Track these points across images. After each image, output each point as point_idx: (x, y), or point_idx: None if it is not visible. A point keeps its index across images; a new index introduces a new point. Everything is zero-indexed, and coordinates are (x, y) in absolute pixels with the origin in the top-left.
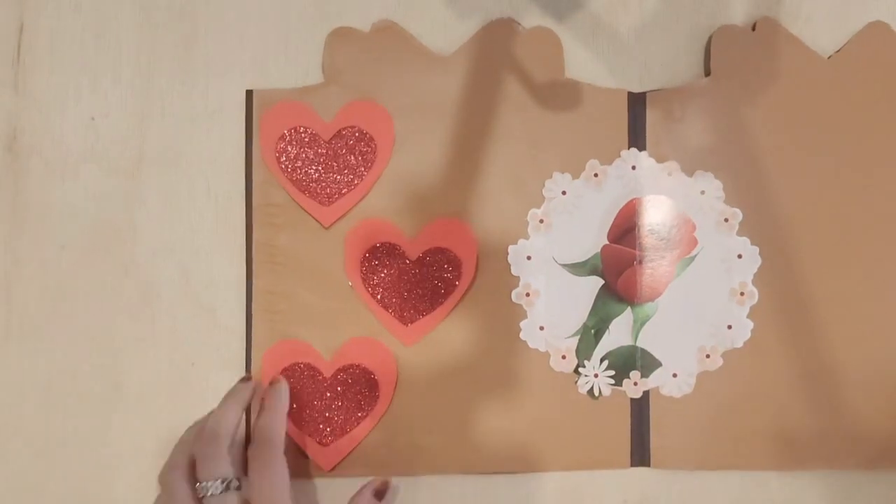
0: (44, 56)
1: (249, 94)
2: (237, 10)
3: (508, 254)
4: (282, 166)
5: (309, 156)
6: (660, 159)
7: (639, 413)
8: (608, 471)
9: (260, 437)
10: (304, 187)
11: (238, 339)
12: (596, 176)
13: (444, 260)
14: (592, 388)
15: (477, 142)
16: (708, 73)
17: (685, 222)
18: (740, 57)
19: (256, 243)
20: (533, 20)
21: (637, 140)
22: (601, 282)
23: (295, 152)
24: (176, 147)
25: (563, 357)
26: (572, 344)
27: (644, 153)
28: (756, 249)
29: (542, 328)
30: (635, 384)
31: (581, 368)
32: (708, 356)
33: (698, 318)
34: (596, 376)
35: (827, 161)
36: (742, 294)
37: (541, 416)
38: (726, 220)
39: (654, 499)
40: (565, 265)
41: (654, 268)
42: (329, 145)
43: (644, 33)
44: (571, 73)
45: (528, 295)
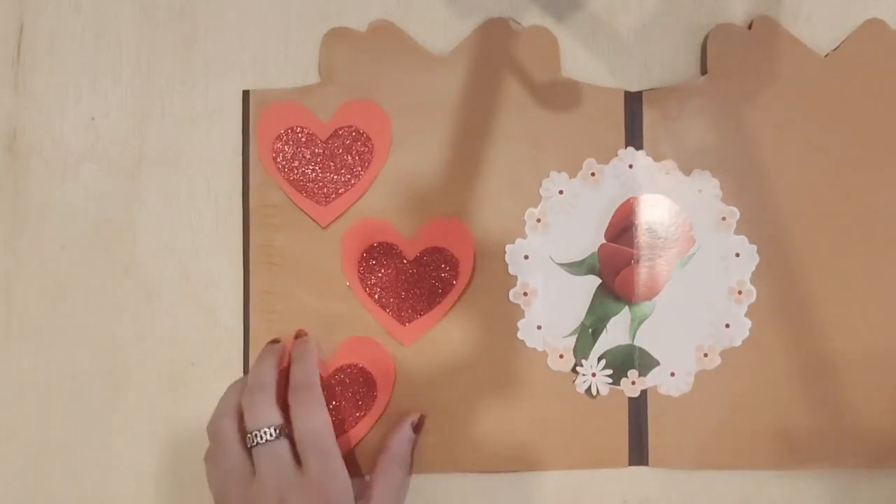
0: (44, 56)
1: (246, 94)
2: (237, 10)
3: (506, 253)
4: (278, 166)
5: (306, 156)
6: (657, 158)
7: (637, 412)
8: (606, 470)
9: (297, 383)
10: (301, 187)
11: (238, 338)
12: (593, 175)
13: (441, 259)
14: (590, 387)
15: (474, 141)
16: (705, 72)
17: (683, 221)
18: (737, 55)
19: (254, 244)
20: (533, 20)
21: (634, 139)
22: (599, 281)
23: (292, 152)
24: (176, 147)
25: (561, 356)
26: (570, 343)
27: (641, 152)
28: (754, 248)
29: (539, 327)
30: (633, 383)
31: (579, 368)
32: (706, 355)
33: (696, 316)
34: (594, 375)
35: (825, 159)
36: (740, 293)
37: (539, 415)
38: (724, 219)
39: (653, 498)
40: (563, 264)
41: (652, 267)
42: (326, 145)
43: (644, 33)
44: (571, 73)
45: (525, 294)
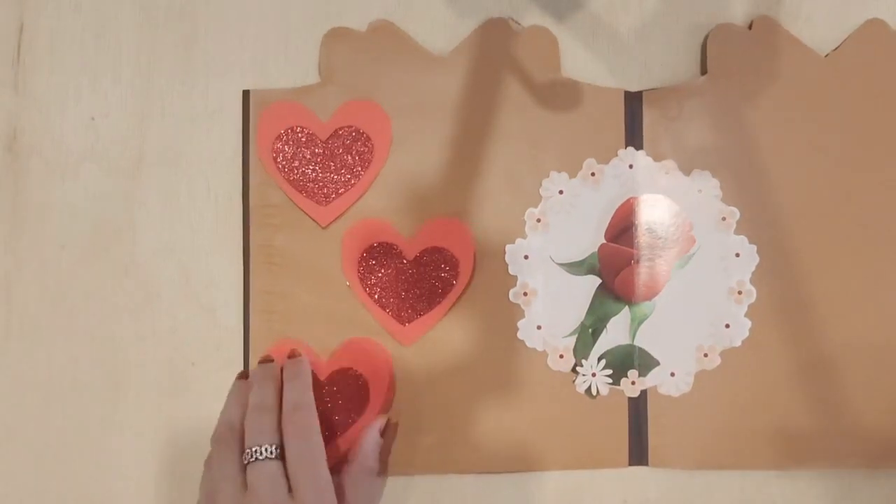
0: (44, 56)
1: (246, 94)
2: (237, 10)
3: (506, 253)
4: (278, 166)
5: (306, 156)
6: (657, 158)
7: (636, 412)
8: (606, 470)
9: (291, 405)
10: (301, 187)
11: (238, 338)
12: (593, 175)
13: (441, 259)
14: (590, 387)
15: (474, 141)
16: (705, 72)
17: (683, 221)
18: (737, 55)
19: (254, 244)
20: (533, 20)
21: (634, 139)
22: (599, 281)
23: (292, 152)
24: (176, 147)
25: (561, 356)
26: (570, 343)
27: (641, 152)
28: (754, 248)
29: (539, 327)
30: (633, 383)
31: (579, 368)
32: (706, 355)
33: (696, 316)
34: (594, 375)
35: (825, 159)
36: (740, 293)
37: (539, 415)
38: (724, 219)
39: (653, 498)
40: (563, 264)
41: (652, 267)
42: (326, 145)
43: (644, 33)
44: (571, 74)
45: (525, 294)
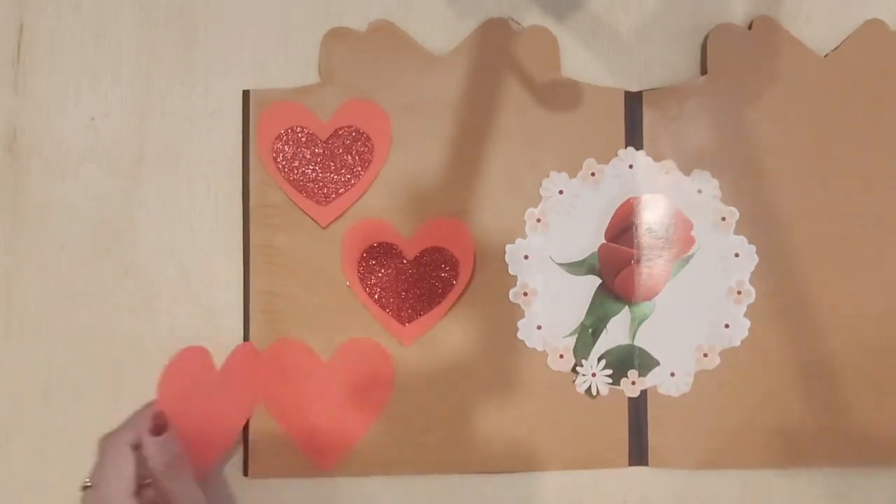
0: (44, 56)
1: (246, 94)
2: (237, 10)
3: (506, 253)
4: (279, 166)
5: (306, 156)
6: (657, 158)
7: (636, 412)
8: (606, 470)
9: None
10: (301, 187)
11: (238, 338)
12: (593, 175)
13: (441, 259)
14: (590, 387)
15: (474, 141)
16: (705, 72)
17: (682, 221)
18: (737, 55)
19: (254, 244)
20: (533, 20)
21: (634, 139)
22: (599, 281)
23: (292, 152)
24: (176, 147)
25: (561, 356)
26: (570, 343)
27: (641, 152)
28: (753, 248)
29: (539, 327)
30: (633, 383)
31: (579, 368)
32: (705, 355)
33: (696, 316)
34: (594, 375)
35: (823, 159)
36: (739, 293)
37: (539, 415)
38: (723, 219)
39: (653, 498)
40: (563, 264)
41: (652, 267)
42: (326, 145)
43: (644, 33)
44: (571, 74)
45: (525, 294)
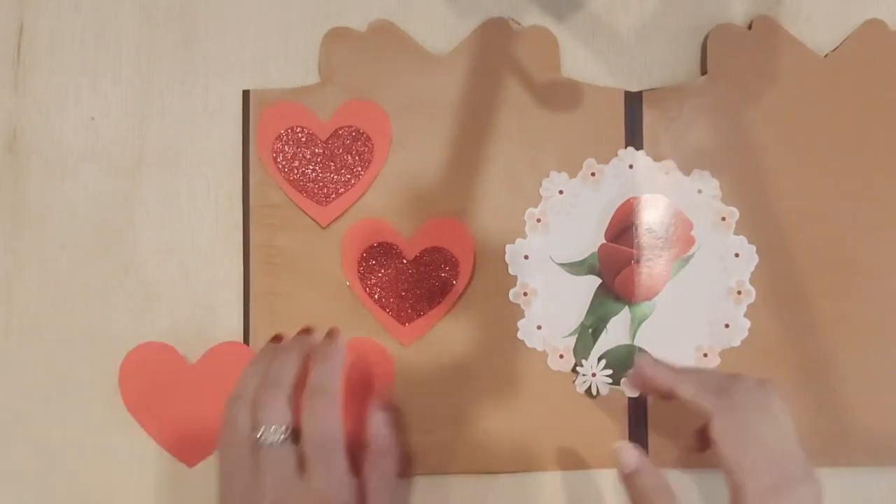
0: (44, 56)
1: (246, 94)
2: (237, 10)
3: (506, 253)
4: (279, 166)
5: (306, 155)
6: (657, 158)
7: (636, 412)
8: (606, 470)
9: (315, 385)
10: (301, 187)
11: (238, 338)
12: (593, 175)
13: (441, 259)
14: (590, 387)
15: (474, 141)
16: (705, 72)
17: (682, 221)
18: (737, 55)
19: (254, 244)
20: (533, 20)
21: (634, 139)
22: (599, 281)
23: (292, 152)
24: (176, 147)
25: (561, 356)
26: (570, 343)
27: (641, 152)
28: (753, 248)
29: (539, 327)
30: None
31: (579, 368)
32: (705, 355)
33: (696, 317)
34: (594, 375)
35: (824, 159)
36: (739, 293)
37: (539, 415)
38: (723, 219)
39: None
40: (563, 264)
41: (652, 267)
42: (326, 145)
43: (644, 33)
44: (571, 74)
45: (525, 294)
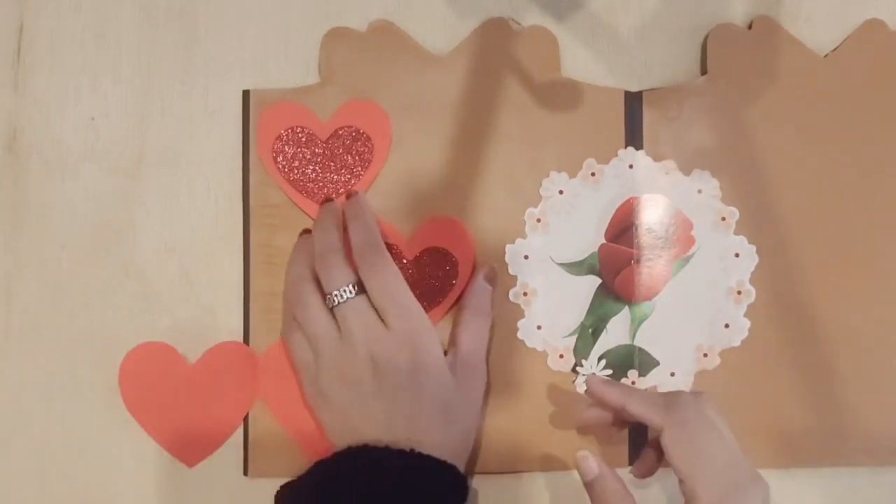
0: (44, 56)
1: (246, 94)
2: (237, 10)
3: (506, 253)
4: (279, 166)
5: (306, 156)
6: (657, 158)
7: None
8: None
9: (359, 243)
10: (301, 187)
11: (238, 338)
12: (593, 175)
13: (441, 259)
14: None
15: (474, 141)
16: (705, 72)
17: (682, 221)
18: (737, 55)
19: (254, 244)
20: (533, 20)
21: (634, 139)
22: (599, 281)
23: (292, 152)
24: (176, 147)
25: (561, 356)
26: (570, 343)
27: (641, 152)
28: (753, 248)
29: (539, 327)
30: (633, 383)
31: (579, 368)
32: (705, 355)
33: (696, 317)
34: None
35: (824, 159)
36: (739, 293)
37: (539, 415)
38: (723, 219)
39: (653, 498)
40: (563, 264)
41: (652, 267)
42: (326, 145)
43: (644, 33)
44: (571, 74)
45: (525, 294)
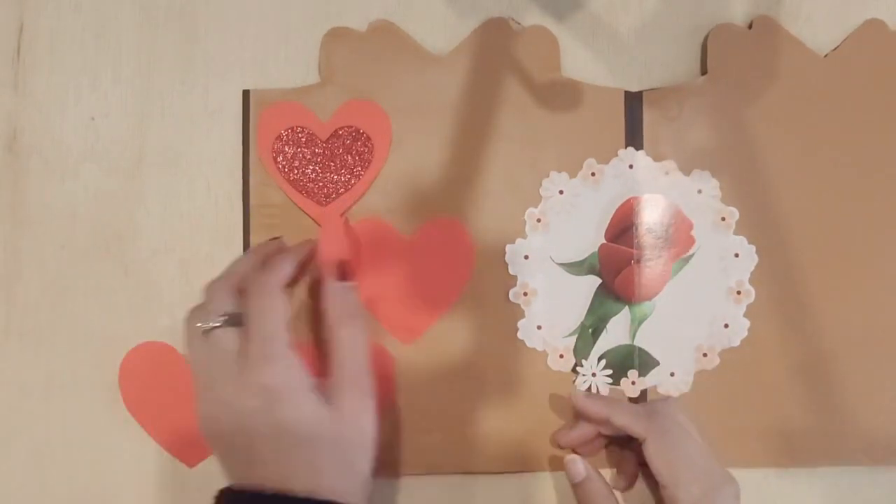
0: (44, 56)
1: (246, 94)
2: (237, 10)
3: (506, 253)
4: (279, 166)
5: (306, 156)
6: (657, 158)
7: None
8: (606, 470)
9: (252, 278)
10: (301, 187)
11: None
12: (593, 175)
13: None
14: (590, 387)
15: (474, 141)
16: (705, 72)
17: (682, 221)
18: (737, 55)
19: (254, 244)
20: (533, 20)
21: (634, 139)
22: (599, 281)
23: (292, 152)
24: (176, 147)
25: (561, 356)
26: (570, 343)
27: (641, 152)
28: (753, 248)
29: (539, 327)
30: (633, 383)
31: (579, 368)
32: (705, 355)
33: (695, 316)
34: (594, 375)
35: (824, 159)
36: (739, 293)
37: (539, 415)
38: (723, 219)
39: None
40: (563, 264)
41: (652, 267)
42: (326, 145)
43: (644, 33)
44: (571, 74)
45: (525, 294)
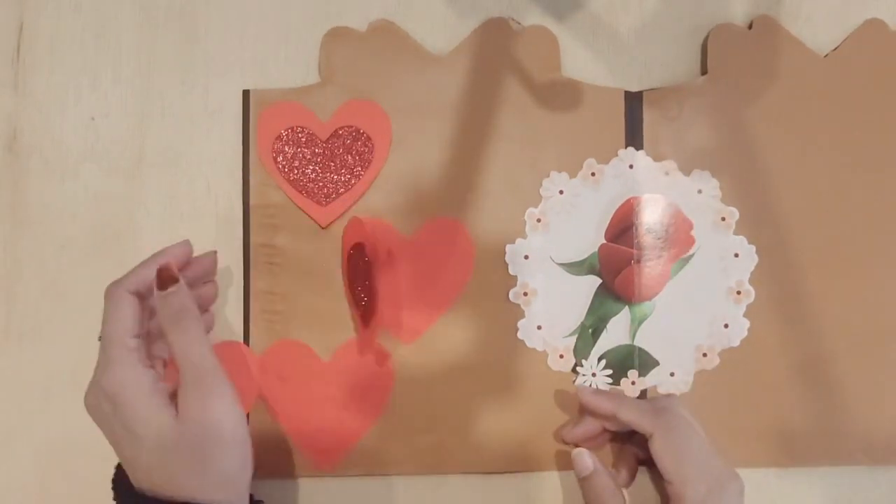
0: (44, 56)
1: (246, 94)
2: (237, 10)
3: (506, 253)
4: (279, 166)
5: (306, 156)
6: (657, 158)
7: None
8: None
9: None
10: (301, 187)
11: (238, 339)
12: (593, 175)
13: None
14: (590, 387)
15: (474, 141)
16: (705, 72)
17: (682, 221)
18: (737, 55)
19: (254, 244)
20: (533, 20)
21: (634, 139)
22: (599, 281)
23: (292, 152)
24: (176, 147)
25: (561, 356)
26: (570, 343)
27: (641, 152)
28: (753, 248)
29: (539, 327)
30: (633, 383)
31: (579, 368)
32: (705, 355)
33: (695, 317)
34: (594, 375)
35: (824, 159)
36: (739, 293)
37: (539, 415)
38: (723, 219)
39: (653, 498)
40: (563, 264)
41: (652, 267)
42: (326, 145)
43: (644, 33)
44: (571, 74)
45: (525, 294)
